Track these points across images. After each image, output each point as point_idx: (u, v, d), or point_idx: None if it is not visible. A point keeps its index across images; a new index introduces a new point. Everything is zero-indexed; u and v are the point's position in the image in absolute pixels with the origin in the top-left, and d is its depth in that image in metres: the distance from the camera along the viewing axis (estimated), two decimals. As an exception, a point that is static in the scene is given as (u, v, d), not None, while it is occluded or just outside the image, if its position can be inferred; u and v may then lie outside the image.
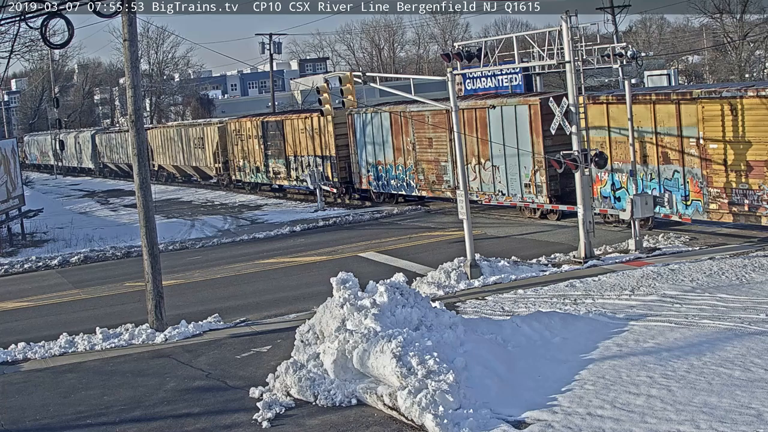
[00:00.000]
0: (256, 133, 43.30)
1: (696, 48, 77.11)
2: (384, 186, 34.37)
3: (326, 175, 37.10)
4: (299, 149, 39.31)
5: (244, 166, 44.93)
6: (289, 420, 12.31)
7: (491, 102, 28.54)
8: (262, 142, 42.58)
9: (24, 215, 35.68)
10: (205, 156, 49.45)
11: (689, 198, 22.35)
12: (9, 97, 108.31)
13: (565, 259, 21.50)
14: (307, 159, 38.64)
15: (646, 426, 10.60)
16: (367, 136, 34.79)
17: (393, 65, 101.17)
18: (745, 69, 51.68)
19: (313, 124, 37.73)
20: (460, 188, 20.98)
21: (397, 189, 33.75)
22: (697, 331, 14.05)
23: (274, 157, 41.69)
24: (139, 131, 17.96)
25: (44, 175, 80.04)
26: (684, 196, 22.45)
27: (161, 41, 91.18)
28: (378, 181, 34.67)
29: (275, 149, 41.52)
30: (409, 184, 32.89)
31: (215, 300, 21.00)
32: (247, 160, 44.55)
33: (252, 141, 43.76)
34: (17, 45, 36.59)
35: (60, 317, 20.79)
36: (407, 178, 32.88)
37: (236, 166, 45.95)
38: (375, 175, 34.75)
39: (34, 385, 15.18)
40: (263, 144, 42.46)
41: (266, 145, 42.24)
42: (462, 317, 14.92)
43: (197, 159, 50.76)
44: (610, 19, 47.61)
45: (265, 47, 61.27)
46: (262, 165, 42.98)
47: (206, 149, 49.18)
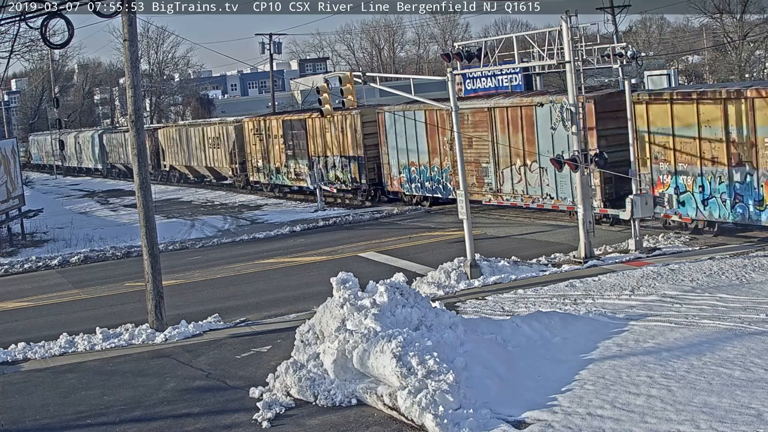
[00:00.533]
0: (277, 132, 41.38)
1: (696, 48, 77.08)
2: (417, 188, 32.64)
3: (354, 176, 35.74)
4: (324, 149, 37.47)
5: (263, 166, 42.95)
6: (289, 420, 12.31)
7: (539, 99, 26.76)
8: (283, 141, 40.75)
9: (24, 215, 35.68)
10: (221, 156, 47.43)
11: (764, 203, 20.77)
12: (9, 97, 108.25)
13: (565, 259, 21.50)
14: (332, 159, 37.06)
15: (646, 426, 10.60)
16: (399, 136, 33.03)
17: (393, 65, 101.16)
18: (745, 69, 51.67)
19: (339, 123, 35.96)
20: (460, 188, 21.00)
21: (431, 191, 31.98)
22: (697, 331, 14.05)
23: (297, 157, 39.73)
24: (139, 131, 17.96)
25: (44, 174, 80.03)
26: (757, 200, 20.87)
27: (161, 41, 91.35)
28: (410, 183, 32.91)
29: (298, 149, 39.51)
30: (445, 187, 31.10)
31: (215, 300, 21.00)
32: (266, 160, 42.59)
33: (272, 140, 41.82)
34: (17, 45, 36.61)
35: (60, 317, 20.79)
36: (443, 180, 31.12)
37: (254, 166, 43.98)
38: (407, 177, 33.00)
39: (34, 385, 15.18)
40: (284, 143, 40.65)
41: (288, 144, 40.37)
42: (462, 317, 14.92)
43: (212, 159, 48.80)
44: (610, 19, 47.58)
45: (265, 47, 61.27)
46: (282, 165, 41.09)
47: (222, 149, 47.15)
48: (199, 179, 53.73)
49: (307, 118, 38.63)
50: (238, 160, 45.52)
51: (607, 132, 24.49)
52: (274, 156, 41.87)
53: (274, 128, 41.49)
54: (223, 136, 46.84)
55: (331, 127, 36.65)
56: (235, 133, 45.44)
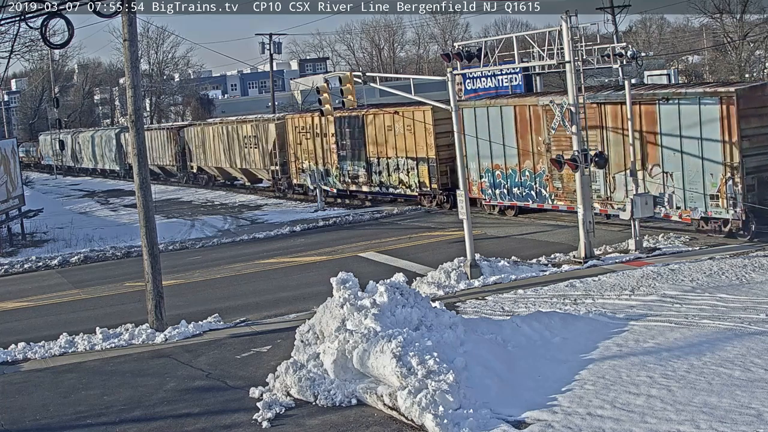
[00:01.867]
0: (327, 130, 37.10)
1: (696, 48, 77.10)
2: (503, 195, 28.63)
3: (422, 180, 32.09)
4: (385, 150, 33.76)
5: (310, 168, 38.73)
6: (289, 420, 12.32)
7: (662, 93, 23.46)
8: (335, 140, 36.81)
9: (24, 215, 35.68)
10: (259, 157, 43.20)
11: None
12: (9, 97, 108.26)
13: (565, 259, 21.50)
14: (395, 161, 33.39)
15: (646, 426, 10.60)
16: (481, 135, 29.02)
17: (393, 65, 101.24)
18: (745, 69, 51.66)
19: (406, 121, 32.62)
20: (460, 188, 21.01)
21: (521, 199, 27.96)
22: (697, 331, 14.05)
23: (352, 158, 35.84)
24: (139, 131, 17.96)
25: (44, 174, 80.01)
26: None
27: (161, 41, 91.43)
28: (494, 189, 28.83)
29: (353, 149, 35.63)
30: (539, 194, 27.22)
31: (215, 300, 21.00)
32: (313, 161, 38.37)
33: (321, 140, 37.72)
34: (17, 45, 36.62)
35: (60, 317, 20.79)
36: (537, 186, 27.24)
37: (298, 168, 39.71)
38: (490, 182, 28.91)
39: (34, 385, 15.18)
40: (337, 143, 36.72)
41: (341, 144, 36.39)
42: (462, 317, 14.92)
43: (247, 160, 44.44)
44: (610, 19, 47.64)
45: (265, 47, 61.34)
46: (333, 168, 37.06)
47: (260, 149, 42.91)
48: (231, 182, 50.17)
49: (366, 114, 34.67)
50: (279, 161, 41.44)
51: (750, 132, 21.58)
52: (322, 157, 37.82)
53: (326, 126, 37.14)
54: (262, 135, 42.64)
55: (396, 126, 33.22)
56: (276, 130, 41.20)
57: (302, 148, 39.17)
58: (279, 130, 41.01)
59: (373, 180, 34.90)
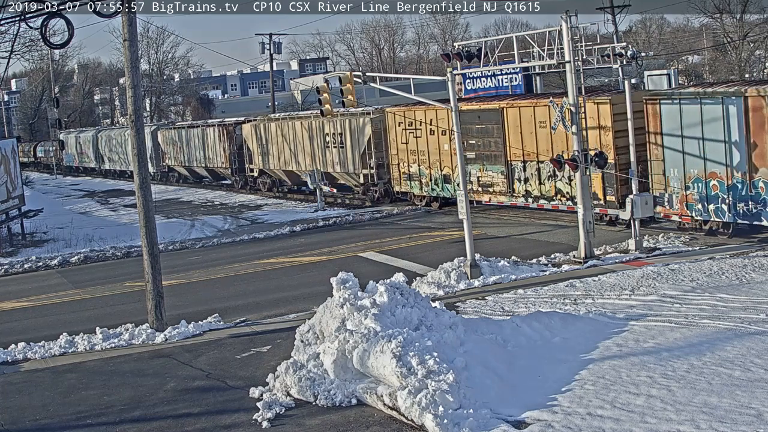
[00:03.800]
0: (446, 125, 29.98)
1: (696, 48, 77.13)
2: (720, 212, 22.06)
3: (594, 191, 24.43)
4: (534, 151, 27.36)
5: (420, 173, 32.56)
6: (289, 420, 12.32)
7: None
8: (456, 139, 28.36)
9: (24, 215, 35.67)
10: (346, 158, 36.53)
11: None
12: (9, 97, 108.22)
13: (565, 259, 21.50)
14: (547, 165, 26.54)
15: (646, 426, 10.60)
16: (687, 134, 22.61)
17: (393, 65, 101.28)
18: (745, 69, 51.69)
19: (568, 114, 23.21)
20: (460, 188, 21.00)
21: (751, 218, 21.49)
22: (697, 331, 14.05)
23: (484, 161, 29.43)
24: (139, 131, 17.96)
25: (44, 174, 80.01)
26: None
27: (161, 41, 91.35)
28: (707, 204, 22.30)
29: (486, 150, 29.30)
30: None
31: (215, 300, 21.00)
32: (424, 164, 32.22)
33: (436, 138, 31.54)
34: (17, 45, 36.63)
35: (60, 317, 20.79)
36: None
37: (402, 172, 33.46)
38: (699, 194, 22.42)
39: (34, 385, 15.18)
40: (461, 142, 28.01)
41: (466, 144, 28.28)
42: (462, 317, 14.92)
43: (330, 162, 37.56)
44: (610, 19, 47.62)
45: (265, 47, 61.30)
46: (453, 173, 30.53)
47: (348, 149, 36.29)
48: (298, 187, 42.41)
49: (507, 107, 28.42)
50: (375, 163, 35.08)
51: None
52: (439, 159, 31.53)
53: (442, 121, 30.53)
54: (355, 133, 35.93)
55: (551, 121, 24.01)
56: (372, 127, 34.77)
57: (408, 147, 33.03)
58: (375, 126, 34.76)
59: (515, 189, 28.33)
